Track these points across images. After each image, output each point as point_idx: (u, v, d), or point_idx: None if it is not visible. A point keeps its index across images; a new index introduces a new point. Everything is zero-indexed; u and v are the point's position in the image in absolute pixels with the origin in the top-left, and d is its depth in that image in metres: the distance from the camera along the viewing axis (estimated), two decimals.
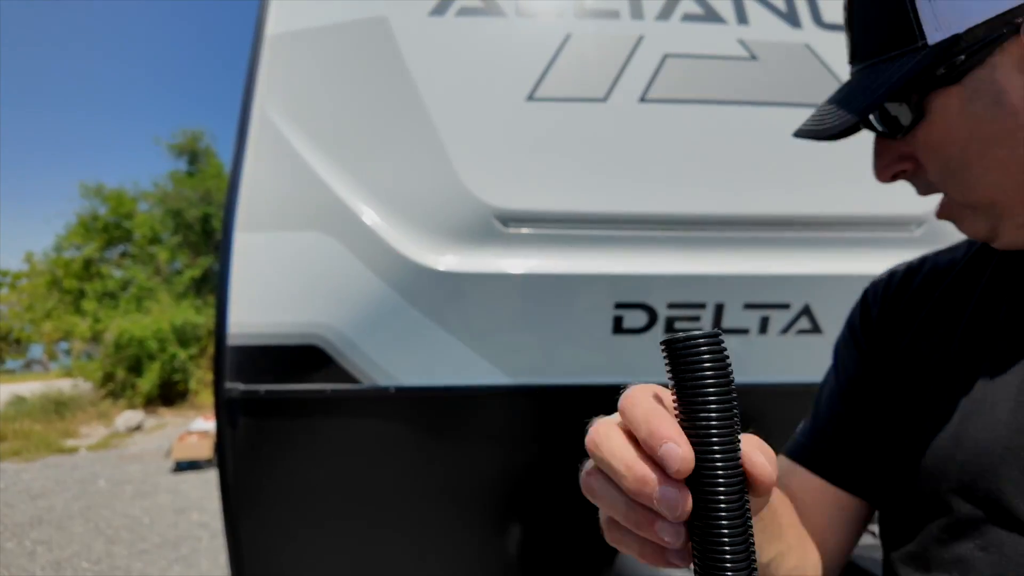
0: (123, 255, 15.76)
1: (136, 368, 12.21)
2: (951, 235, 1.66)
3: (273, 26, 1.73)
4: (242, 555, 1.53)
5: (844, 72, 1.79)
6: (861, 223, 1.56)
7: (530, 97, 1.58)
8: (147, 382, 11.77)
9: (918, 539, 0.58)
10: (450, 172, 1.50)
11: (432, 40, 1.63)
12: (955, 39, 0.48)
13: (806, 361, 1.59)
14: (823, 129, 0.58)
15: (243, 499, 1.52)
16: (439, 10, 1.65)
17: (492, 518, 1.62)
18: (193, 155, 16.07)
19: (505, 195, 1.50)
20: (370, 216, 1.49)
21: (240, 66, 1.74)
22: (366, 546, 1.58)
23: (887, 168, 0.60)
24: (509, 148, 1.54)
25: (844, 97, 0.58)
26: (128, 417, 10.07)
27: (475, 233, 1.49)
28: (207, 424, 8.08)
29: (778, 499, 0.60)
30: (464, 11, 1.66)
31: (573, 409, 1.60)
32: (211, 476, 7.02)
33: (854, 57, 0.60)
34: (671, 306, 1.55)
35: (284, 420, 1.51)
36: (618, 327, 1.55)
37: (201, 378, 12.56)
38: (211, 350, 12.74)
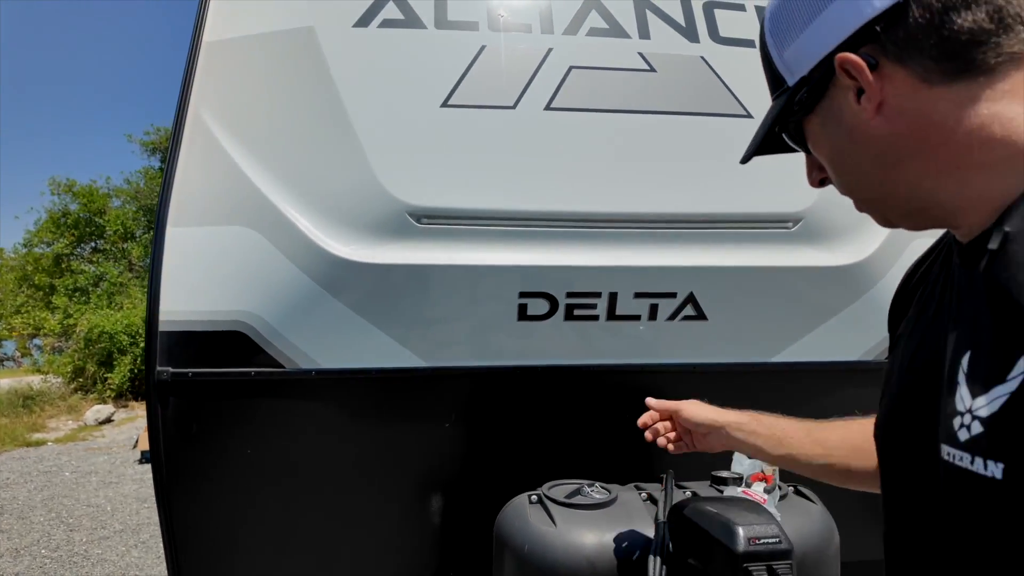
0: (95, 251, 15.61)
1: (107, 363, 12.15)
2: (824, 232, 1.83)
3: (209, 33, 1.85)
4: (174, 530, 1.66)
5: (736, 83, 1.96)
6: (742, 220, 1.73)
7: (445, 103, 1.72)
8: (118, 376, 11.72)
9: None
10: (368, 172, 1.63)
11: (355, 49, 1.76)
12: (802, 80, 0.63)
13: (692, 345, 1.76)
14: (744, 155, 0.76)
15: (174, 477, 1.64)
16: (363, 21, 1.78)
17: (411, 492, 1.77)
18: (166, 152, 15.89)
19: (419, 193, 1.63)
20: (292, 212, 1.62)
21: None
22: (293, 519, 1.71)
23: (809, 175, 0.72)
24: (424, 150, 1.68)
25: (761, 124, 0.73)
26: (98, 410, 10.05)
27: (390, 228, 1.62)
28: None
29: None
30: (386, 23, 1.79)
31: (482, 389, 1.76)
32: None
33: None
34: (570, 295, 1.70)
35: (212, 402, 1.63)
36: (523, 314, 1.70)
37: None
38: None
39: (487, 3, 1.83)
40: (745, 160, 0.77)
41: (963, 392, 0.51)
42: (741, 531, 0.90)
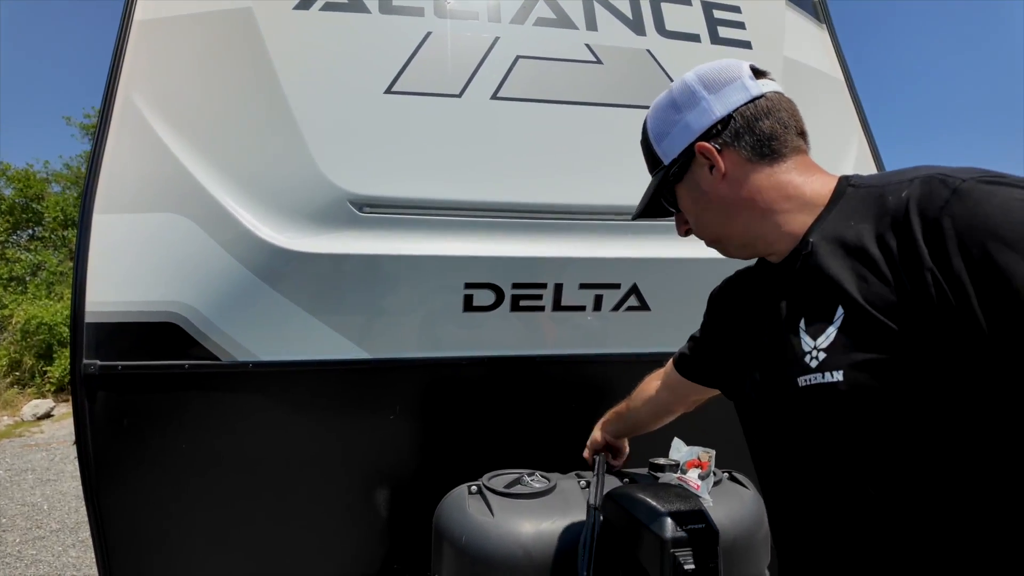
0: (32, 239, 14.84)
1: (46, 355, 11.59)
2: None
3: (141, 12, 1.77)
4: (105, 527, 1.59)
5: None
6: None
7: (389, 90, 1.68)
8: (58, 369, 11.19)
9: None
10: (307, 159, 1.59)
11: (296, 32, 1.70)
12: (673, 162, 0.93)
13: (635, 334, 1.78)
14: (633, 215, 1.06)
15: (103, 472, 1.57)
16: (304, 4, 1.73)
17: (353, 486, 1.74)
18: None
19: (361, 182, 1.60)
20: (228, 200, 1.57)
21: None
22: (230, 514, 1.67)
23: (679, 228, 1.02)
24: (366, 138, 1.64)
25: (643, 195, 1.02)
26: (36, 405, 9.57)
27: (330, 217, 1.59)
28: None
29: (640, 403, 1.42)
30: (329, 6, 1.74)
31: (427, 381, 1.74)
32: None
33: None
34: (516, 286, 1.70)
35: (143, 395, 1.57)
36: (468, 305, 1.69)
37: None
38: None
39: None
40: (634, 218, 1.05)
41: (806, 339, 0.78)
42: (668, 517, 0.92)
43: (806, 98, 2.02)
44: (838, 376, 0.72)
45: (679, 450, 1.40)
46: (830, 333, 0.75)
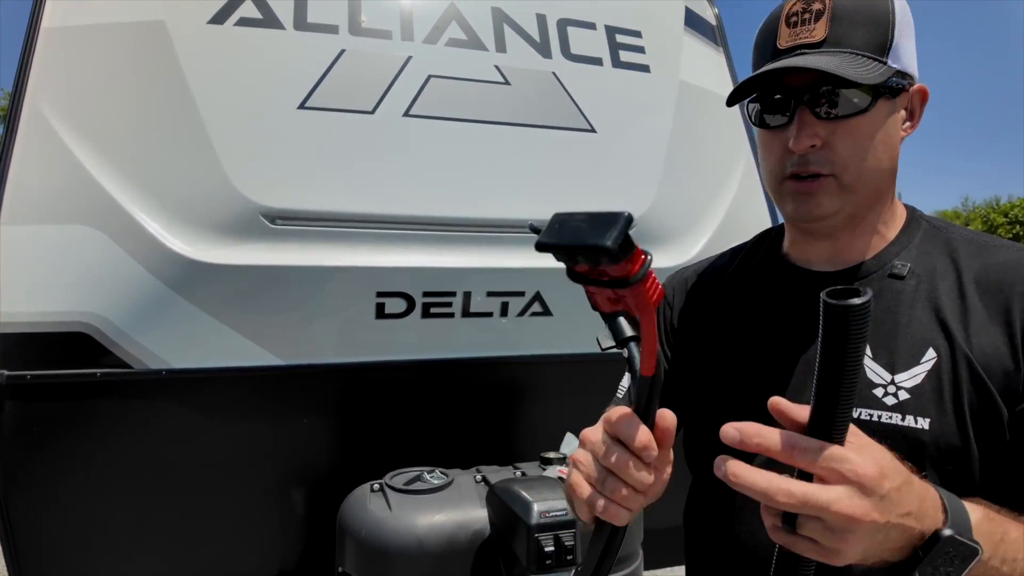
0: None
1: None
2: (657, 235, 2.02)
3: (49, 19, 1.76)
4: (15, 535, 1.61)
5: (583, 100, 2.08)
6: None
7: (302, 106, 1.75)
8: None
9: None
10: (219, 172, 1.63)
11: (209, 47, 1.74)
12: (899, 72, 0.75)
13: (539, 338, 1.92)
14: (847, 76, 0.71)
15: (12, 480, 1.59)
16: (218, 18, 1.77)
17: (267, 488, 1.81)
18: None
19: (273, 195, 1.66)
20: (139, 212, 1.60)
21: None
22: (143, 519, 1.71)
23: (809, 139, 0.74)
24: (279, 152, 1.71)
25: (845, 62, 0.73)
26: None
27: (243, 229, 1.64)
28: None
29: None
30: (243, 21, 1.78)
31: (340, 385, 1.83)
32: None
33: (829, 41, 0.75)
34: (426, 294, 1.80)
35: (53, 404, 1.59)
36: (380, 312, 1.78)
37: None
38: None
39: (348, 7, 1.87)
40: (854, 84, 0.74)
41: (873, 372, 0.73)
42: (535, 506, 1.05)
43: (700, 119, 2.23)
44: (924, 423, 0.69)
45: (570, 444, 1.55)
46: (918, 373, 0.70)
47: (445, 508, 1.31)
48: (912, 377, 0.71)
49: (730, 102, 0.83)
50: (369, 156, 1.77)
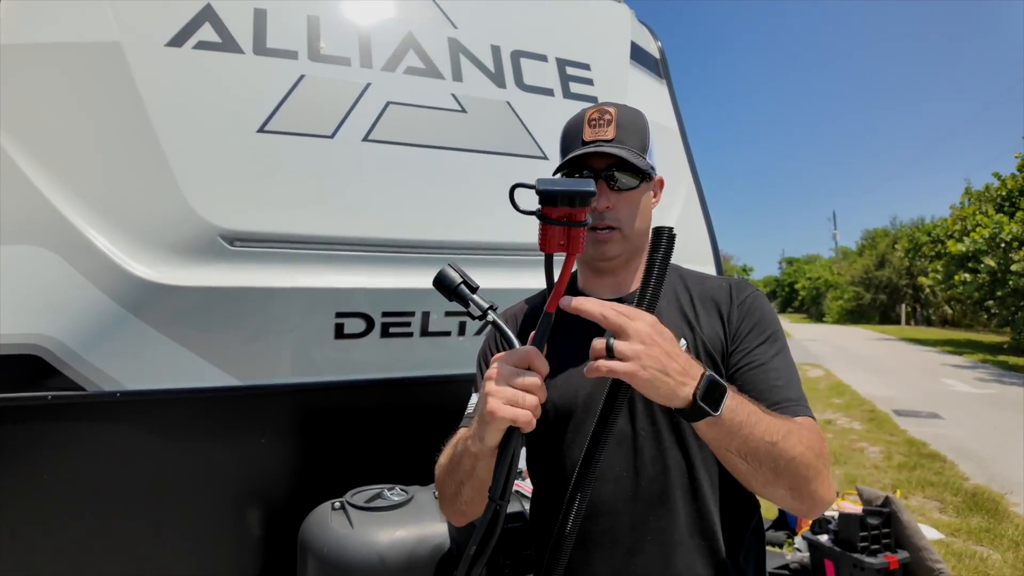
0: None
1: None
2: None
3: (2, 36, 1.74)
4: None
5: (536, 128, 2.17)
6: (536, 248, 1.99)
7: (261, 129, 1.78)
8: None
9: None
10: (176, 194, 1.65)
11: (167, 69, 1.75)
12: (651, 166, 1.12)
13: None
14: (633, 161, 1.08)
15: None
16: (176, 41, 1.78)
17: (225, 509, 1.81)
18: None
19: (231, 217, 1.68)
20: (94, 233, 1.59)
21: None
22: (96, 542, 1.68)
23: (606, 201, 1.10)
24: (238, 175, 1.73)
25: (630, 154, 1.09)
26: None
27: (200, 250, 1.66)
28: None
29: None
30: (202, 44, 1.80)
31: (299, 405, 1.85)
32: None
33: (616, 140, 1.10)
34: (385, 314, 1.85)
35: (3, 426, 1.56)
36: (339, 332, 1.82)
37: None
38: None
39: (307, 33, 1.91)
40: (628, 168, 1.11)
41: None
42: None
43: None
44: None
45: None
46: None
47: (406, 524, 1.36)
48: None
49: (554, 173, 1.16)
50: (329, 179, 1.81)
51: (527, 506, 1.35)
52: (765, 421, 0.89)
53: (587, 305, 0.84)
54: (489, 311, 0.97)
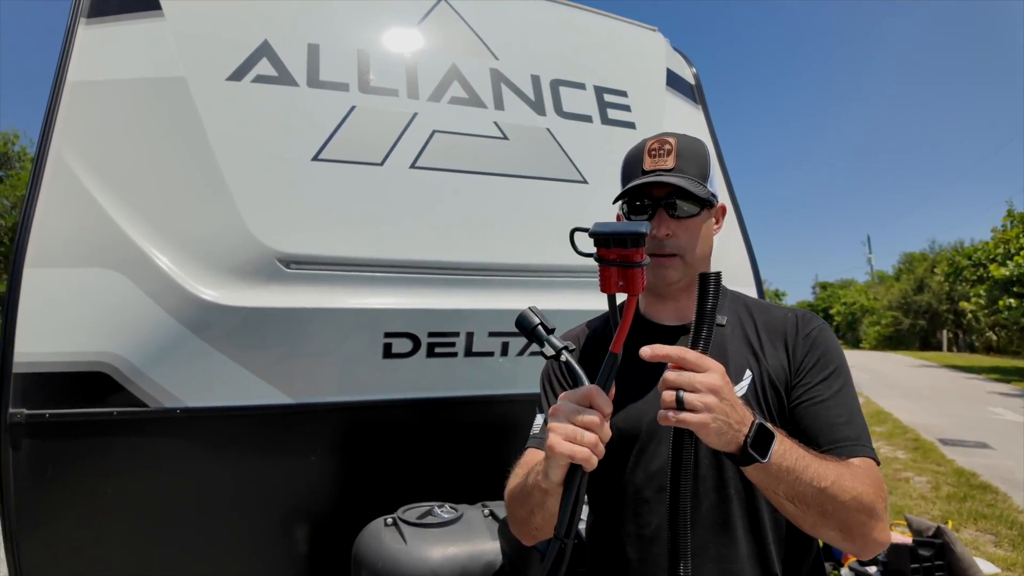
0: None
1: None
2: None
3: (74, 73, 1.87)
4: (23, 573, 1.63)
5: (575, 153, 2.24)
6: (577, 271, 2.02)
7: (315, 157, 1.86)
8: None
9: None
10: (237, 219, 1.73)
11: (228, 101, 1.86)
12: (712, 193, 1.15)
13: (536, 377, 2.01)
14: (691, 190, 1.12)
15: (25, 519, 1.61)
16: (236, 76, 1.89)
17: (277, 524, 1.85)
18: (4, 158, 14.40)
19: (288, 241, 1.76)
20: (159, 256, 1.68)
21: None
22: (154, 557, 1.74)
23: (665, 229, 1.14)
24: (294, 201, 1.81)
25: (688, 183, 1.13)
26: None
27: (259, 273, 1.73)
28: None
29: None
30: (260, 78, 1.91)
31: (350, 424, 1.89)
32: None
33: (676, 169, 1.14)
34: (431, 334, 1.90)
35: (70, 442, 1.63)
36: (388, 352, 1.87)
37: None
38: None
39: (357, 66, 2.01)
40: (690, 196, 1.15)
41: None
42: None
43: None
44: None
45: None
46: (742, 387, 1.09)
47: (457, 541, 1.38)
48: (739, 389, 1.06)
49: (614, 201, 1.24)
50: (379, 205, 1.88)
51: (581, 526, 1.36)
52: (814, 466, 0.91)
53: (664, 351, 0.87)
54: (563, 351, 1.01)
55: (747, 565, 1.05)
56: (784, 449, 0.88)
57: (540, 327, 1.09)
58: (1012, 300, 16.82)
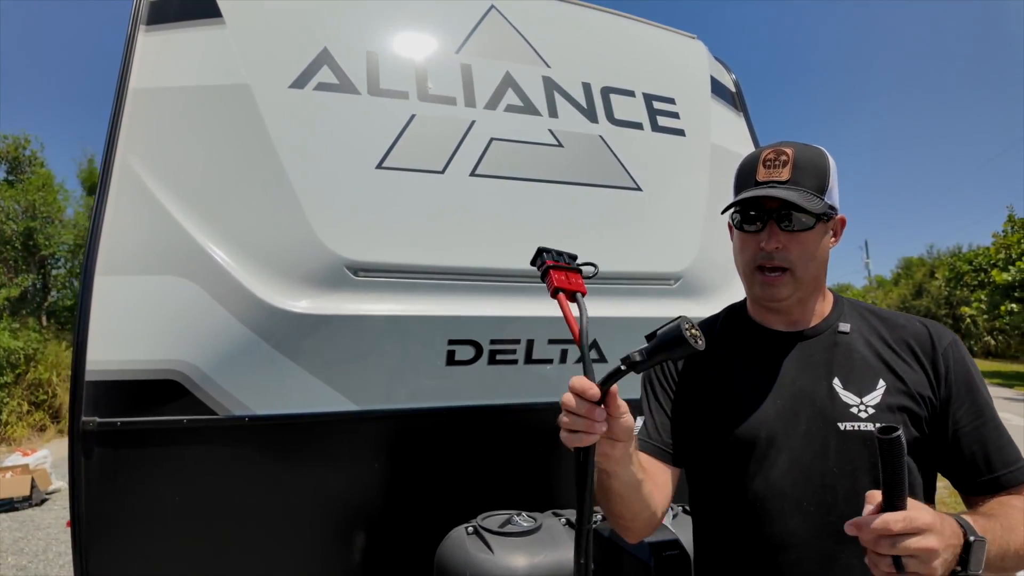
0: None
1: None
2: (699, 289, 2.17)
3: (136, 80, 1.87)
4: None
5: (628, 160, 2.25)
6: (633, 277, 2.03)
7: (379, 165, 1.87)
8: None
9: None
10: (305, 227, 1.73)
11: (291, 109, 1.86)
12: (831, 206, 1.12)
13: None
14: (803, 205, 1.09)
15: (96, 527, 1.61)
16: (299, 83, 1.89)
17: (339, 534, 1.85)
18: (15, 163, 14.35)
19: (355, 248, 1.76)
20: (229, 263, 1.68)
21: (71, 70, 1.85)
22: (223, 565, 1.73)
23: (776, 242, 1.12)
24: (360, 208, 1.81)
25: (801, 197, 1.10)
26: None
27: (328, 280, 1.73)
28: (24, 459, 7.27)
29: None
30: (322, 86, 1.91)
31: (413, 430, 1.89)
32: (29, 515, 6.30)
33: (791, 181, 1.12)
34: (493, 342, 1.90)
35: (141, 450, 1.63)
36: (451, 359, 1.87)
37: (15, 408, 11.03)
38: (31, 377, 11.17)
39: (415, 74, 2.02)
40: (803, 209, 1.11)
41: (846, 396, 1.09)
42: (650, 546, 1.13)
43: (730, 179, 2.41)
44: (873, 427, 1.01)
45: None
46: (876, 395, 1.08)
47: (542, 550, 1.38)
48: (874, 398, 1.08)
49: (723, 211, 1.22)
50: (441, 212, 1.89)
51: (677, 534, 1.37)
52: (1007, 539, 0.93)
53: (868, 536, 0.82)
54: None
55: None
56: (987, 543, 0.87)
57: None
58: (1014, 305, 16.89)
